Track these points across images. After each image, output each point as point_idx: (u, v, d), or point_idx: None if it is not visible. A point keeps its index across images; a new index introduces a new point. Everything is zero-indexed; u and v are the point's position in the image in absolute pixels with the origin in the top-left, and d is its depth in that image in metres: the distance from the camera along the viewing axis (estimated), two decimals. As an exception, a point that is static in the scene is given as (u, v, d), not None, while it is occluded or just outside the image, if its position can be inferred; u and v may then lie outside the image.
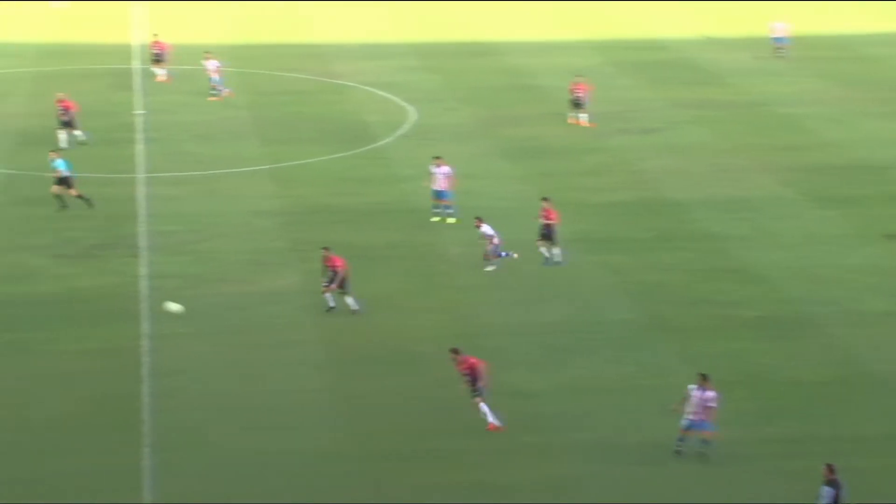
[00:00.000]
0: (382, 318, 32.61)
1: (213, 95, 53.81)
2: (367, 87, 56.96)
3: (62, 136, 45.57)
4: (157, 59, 56.33)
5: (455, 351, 27.33)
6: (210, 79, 54.19)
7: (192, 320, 32.15)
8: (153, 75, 56.36)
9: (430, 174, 39.88)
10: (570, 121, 50.61)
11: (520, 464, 25.85)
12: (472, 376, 26.98)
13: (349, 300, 32.59)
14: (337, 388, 29.09)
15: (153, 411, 27.51)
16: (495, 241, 35.65)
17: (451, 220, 39.11)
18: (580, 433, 27.05)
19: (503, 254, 35.70)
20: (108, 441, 26.27)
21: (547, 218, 36.11)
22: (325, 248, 33.08)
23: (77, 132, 45.93)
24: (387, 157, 46.92)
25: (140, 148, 47.07)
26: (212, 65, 54.44)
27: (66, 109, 45.96)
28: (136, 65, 58.84)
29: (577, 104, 50.72)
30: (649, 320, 32.74)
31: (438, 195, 39.57)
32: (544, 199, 36.89)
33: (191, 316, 32.35)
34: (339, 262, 32.68)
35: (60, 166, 39.64)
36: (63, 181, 39.46)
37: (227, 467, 25.53)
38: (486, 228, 35.76)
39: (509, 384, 28.98)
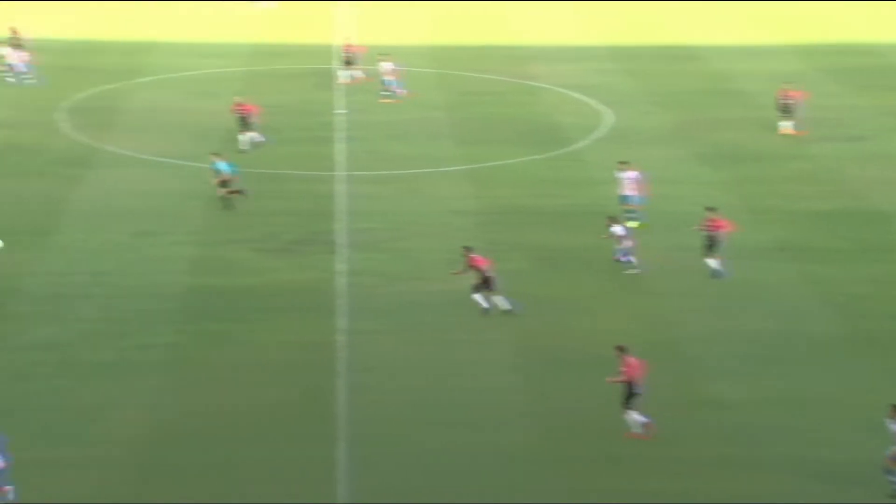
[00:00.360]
0: (575, 321, 32.50)
1: (387, 97, 54.41)
2: (562, 90, 56.83)
3: (244, 138, 46.68)
4: (349, 62, 57.26)
5: (621, 349, 27.06)
6: (383, 80, 54.82)
7: (387, 317, 32.69)
8: (343, 77, 57.12)
9: (617, 179, 39.58)
10: (781, 131, 49.04)
11: (710, 475, 25.38)
12: (628, 376, 26.62)
13: (497, 299, 32.65)
14: (528, 388, 29.12)
15: (348, 406, 28.04)
16: (627, 243, 35.08)
17: (631, 224, 38.68)
18: (775, 447, 26.39)
19: (625, 258, 35.15)
20: (304, 433, 26.87)
21: (714, 228, 35.13)
22: (467, 248, 33.11)
23: (251, 134, 46.83)
24: (582, 160, 46.72)
25: (340, 146, 48.06)
26: (387, 66, 55.09)
27: (245, 112, 46.99)
28: (337, 65, 60.01)
29: (785, 111, 49.33)
30: (852, 334, 31.71)
31: (625, 200, 39.22)
32: (710, 208, 35.92)
33: (387, 313, 32.90)
34: (481, 262, 32.70)
35: (221, 167, 40.59)
36: (224, 182, 40.40)
37: (419, 464, 25.82)
38: (617, 229, 35.26)
39: (704, 393, 28.52)
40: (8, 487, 23.87)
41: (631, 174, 39.36)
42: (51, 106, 52.12)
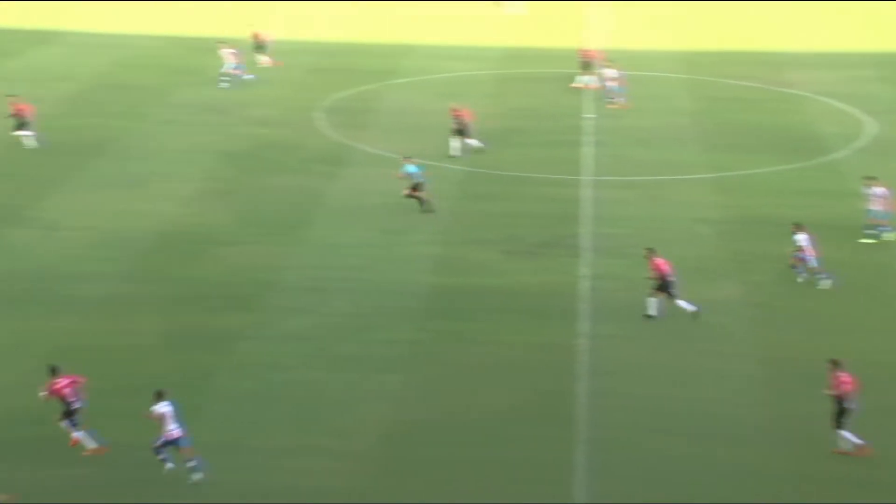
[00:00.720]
0: (820, 336, 31.61)
1: (610, 102, 53.98)
2: (821, 98, 55.19)
3: (454, 144, 46.94)
4: (586, 66, 57.08)
5: (834, 363, 26.19)
6: (606, 86, 54.35)
7: (630, 323, 32.58)
8: (579, 82, 56.98)
9: (864, 194, 38.22)
10: None
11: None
12: (839, 391, 25.71)
13: (681, 304, 32.16)
14: (769, 402, 28.51)
15: (588, 409, 28.12)
16: (809, 252, 33.76)
17: (888, 237, 37.24)
18: None
19: (804, 269, 34.08)
20: (542, 435, 27.08)
21: None
22: (649, 250, 32.74)
23: (470, 140, 47.04)
24: (839, 171, 45.27)
25: (586, 151, 48.12)
26: (610, 73, 54.64)
27: (459, 118, 47.25)
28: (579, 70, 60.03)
29: None
30: None
31: (872, 214, 37.82)
32: None
33: (629, 318, 32.78)
34: (662, 266, 32.22)
35: (411, 170, 40.97)
36: (415, 186, 40.78)
37: (656, 472, 25.67)
38: (801, 238, 33.96)
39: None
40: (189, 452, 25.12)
41: (878, 190, 37.97)
42: (310, 106, 54.18)
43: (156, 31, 68.96)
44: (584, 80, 56.86)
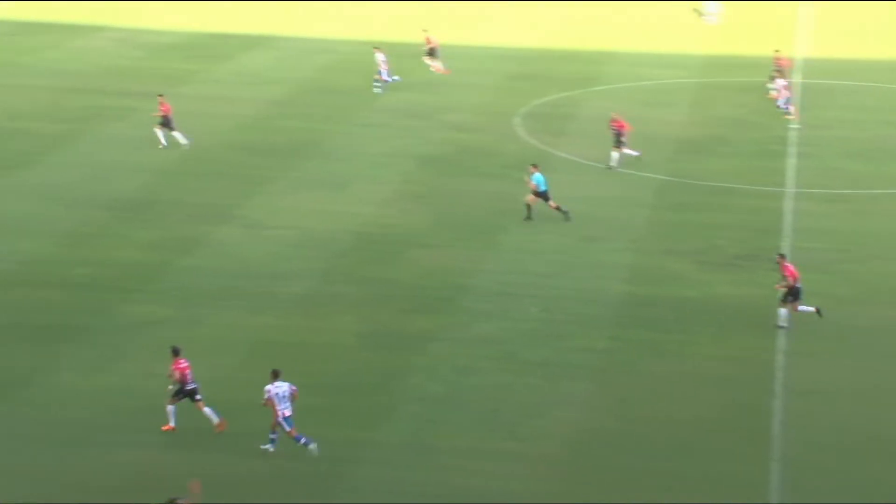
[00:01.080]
0: None
1: (786, 113, 52.23)
2: None
3: (614, 155, 45.98)
4: (779, 75, 55.39)
5: None
6: (780, 97, 52.71)
7: (830, 340, 31.53)
8: (774, 92, 55.47)
9: None
10: None
11: None
12: None
13: (802, 308, 31.47)
14: (981, 430, 27.15)
15: (784, 427, 27.28)
16: None
17: None
18: None
19: None
20: (733, 450, 26.45)
21: None
22: (781, 256, 32.09)
23: (626, 151, 45.97)
24: None
25: (792, 162, 46.81)
26: (780, 83, 52.94)
27: (619, 129, 46.24)
28: (797, 78, 58.43)
29: None
30: None
31: None
32: None
33: (830, 336, 31.72)
34: (791, 272, 31.36)
35: (537, 180, 40.20)
36: (539, 195, 40.05)
37: (853, 495, 24.75)
38: None
39: None
40: (300, 435, 25.60)
41: None
42: (509, 111, 54.30)
43: (361, 37, 70.30)
44: (777, 89, 55.47)
